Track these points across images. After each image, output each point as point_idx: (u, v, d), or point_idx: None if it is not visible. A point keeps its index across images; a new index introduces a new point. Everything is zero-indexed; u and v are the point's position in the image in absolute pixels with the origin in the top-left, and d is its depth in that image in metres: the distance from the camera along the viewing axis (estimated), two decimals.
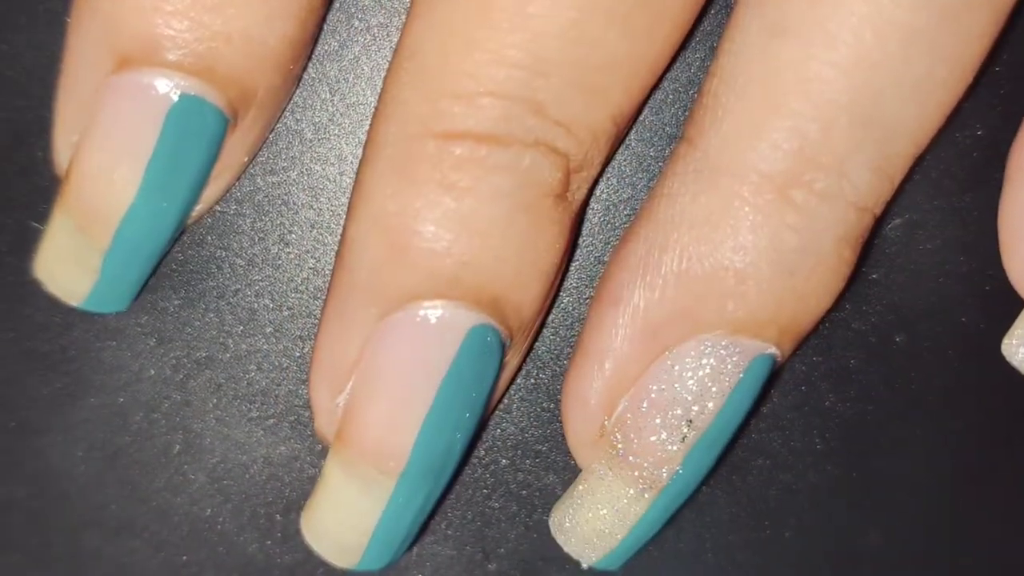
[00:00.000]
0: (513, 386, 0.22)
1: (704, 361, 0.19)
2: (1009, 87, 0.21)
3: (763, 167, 0.18)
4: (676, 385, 0.19)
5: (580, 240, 0.22)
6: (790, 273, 0.19)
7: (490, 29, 0.18)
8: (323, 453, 0.21)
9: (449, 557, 0.23)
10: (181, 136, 0.19)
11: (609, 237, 0.22)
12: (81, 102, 0.19)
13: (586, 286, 0.22)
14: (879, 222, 0.22)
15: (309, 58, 0.21)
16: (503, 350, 0.19)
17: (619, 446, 0.20)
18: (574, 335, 0.22)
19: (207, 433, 0.22)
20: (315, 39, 0.20)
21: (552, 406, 0.22)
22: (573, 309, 0.22)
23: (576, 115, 0.18)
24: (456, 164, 0.18)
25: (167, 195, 0.19)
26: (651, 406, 0.19)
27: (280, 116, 0.21)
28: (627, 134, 0.20)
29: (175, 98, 0.18)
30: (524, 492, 0.23)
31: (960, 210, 0.22)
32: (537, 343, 0.22)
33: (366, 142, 0.19)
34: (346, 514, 0.19)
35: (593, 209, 0.22)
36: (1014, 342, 0.21)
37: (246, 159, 0.21)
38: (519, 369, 0.21)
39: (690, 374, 0.19)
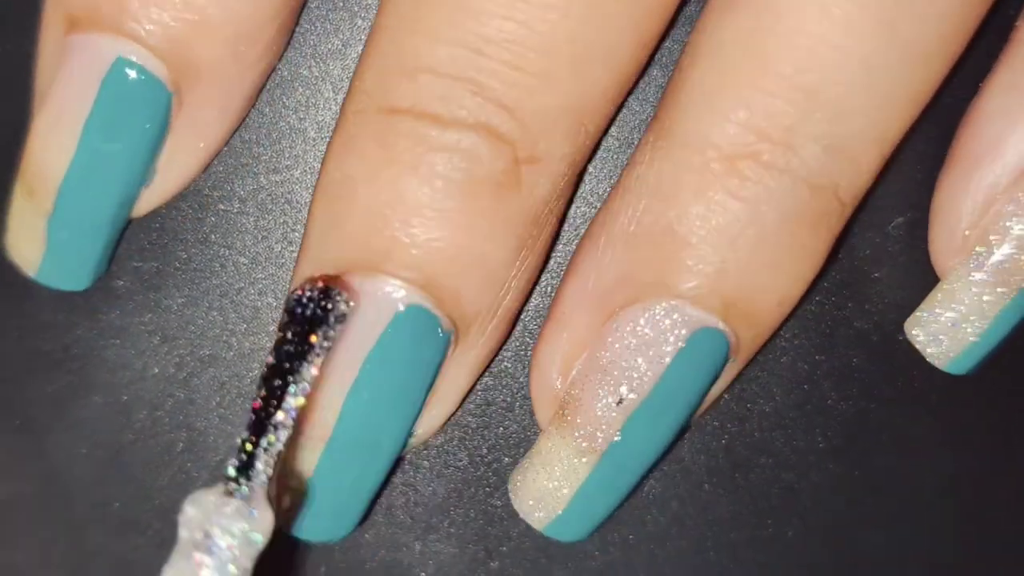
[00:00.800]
0: (515, 385, 0.22)
1: (645, 326, 0.19)
2: None
3: (713, 138, 0.18)
4: (616, 347, 0.19)
5: (577, 236, 0.22)
6: (732, 243, 0.19)
7: (437, 9, 0.18)
8: None
9: (452, 555, 0.23)
10: (119, 101, 0.19)
11: None
12: (46, 69, 0.20)
13: None
14: (881, 220, 0.22)
15: (279, 49, 0.21)
16: (445, 339, 0.19)
17: (565, 410, 0.20)
18: None
19: (210, 431, 0.22)
20: (278, 25, 0.20)
21: None
22: None
23: (520, 99, 0.18)
24: (396, 139, 0.18)
25: (106, 162, 0.19)
26: (594, 370, 0.19)
27: (248, 112, 0.21)
28: (603, 134, 0.20)
29: (113, 61, 0.19)
30: None
31: None
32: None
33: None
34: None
35: (593, 207, 0.22)
36: (915, 325, 0.21)
37: (201, 146, 0.21)
38: (487, 366, 0.21)
39: (630, 340, 0.19)
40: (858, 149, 0.19)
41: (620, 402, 0.19)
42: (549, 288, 0.22)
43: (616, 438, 0.19)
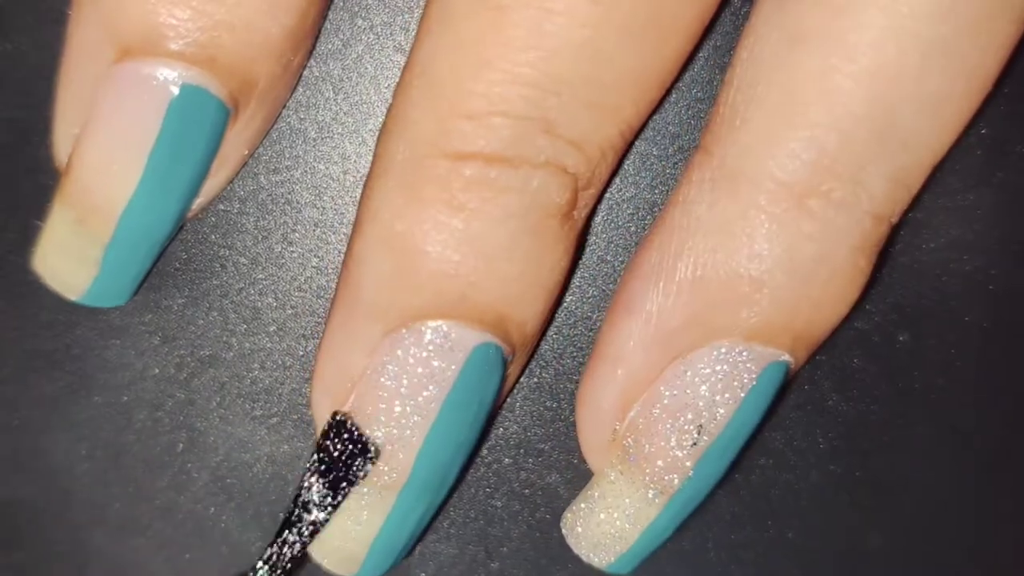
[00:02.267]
0: (516, 385, 0.22)
1: (717, 367, 0.19)
2: (1013, 86, 0.21)
3: (780, 176, 0.18)
4: (688, 391, 0.19)
5: (587, 231, 0.22)
6: (805, 282, 0.18)
7: (503, 47, 0.17)
8: None
9: (452, 556, 0.23)
10: (183, 127, 0.19)
11: (612, 236, 0.22)
12: (81, 94, 0.19)
13: (589, 286, 0.22)
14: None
15: (310, 53, 0.21)
16: (505, 366, 0.19)
17: (631, 451, 0.20)
18: (577, 335, 0.22)
19: (211, 431, 0.22)
20: (316, 32, 0.20)
21: (555, 405, 0.22)
22: (576, 309, 0.22)
23: (586, 132, 0.18)
24: (465, 185, 0.18)
25: (168, 187, 0.19)
26: (663, 411, 0.19)
27: (280, 112, 0.21)
28: (632, 143, 0.20)
29: (177, 89, 0.18)
30: (527, 491, 0.23)
31: (963, 209, 0.22)
32: (540, 343, 0.22)
33: (374, 157, 0.19)
34: (347, 526, 0.19)
35: (595, 209, 0.22)
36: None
37: (246, 152, 0.21)
38: (519, 377, 0.21)
39: (702, 380, 0.19)
40: (915, 177, 0.19)
41: (695, 444, 0.19)
42: None
43: (689, 475, 0.19)
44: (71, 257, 0.20)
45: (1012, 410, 0.23)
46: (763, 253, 0.18)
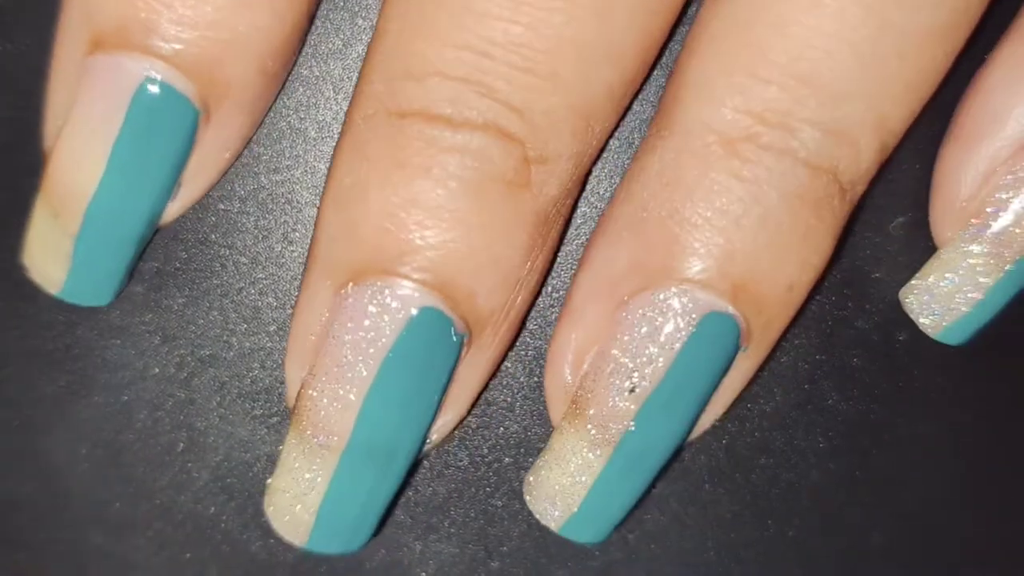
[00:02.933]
0: (516, 384, 0.22)
1: (654, 313, 0.19)
2: None
3: (711, 122, 0.19)
4: (627, 337, 0.19)
5: (582, 239, 0.22)
6: (736, 222, 0.19)
7: (442, 12, 0.18)
8: None
9: (452, 555, 0.23)
10: (148, 120, 0.19)
11: None
12: (65, 86, 0.19)
13: None
14: (882, 220, 0.22)
15: (293, 60, 0.21)
16: (459, 340, 0.19)
17: (578, 402, 0.20)
18: None
19: (211, 431, 0.22)
20: (299, 35, 0.20)
21: None
22: None
23: (528, 100, 0.18)
24: (406, 142, 0.18)
25: (135, 181, 0.19)
26: (603, 360, 0.19)
27: (263, 120, 0.21)
28: (611, 135, 0.20)
29: (141, 80, 0.19)
30: None
31: None
32: (539, 341, 0.22)
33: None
34: (292, 488, 0.20)
35: (596, 207, 0.22)
36: (909, 292, 0.21)
37: (227, 156, 0.21)
38: (496, 370, 0.21)
39: (640, 328, 0.19)
40: (855, 133, 0.19)
41: (632, 391, 0.19)
42: (550, 288, 0.22)
43: (631, 428, 0.19)
44: (48, 250, 0.20)
45: (1012, 409, 0.23)
46: (695, 196, 0.19)
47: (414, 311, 0.19)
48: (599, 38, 0.18)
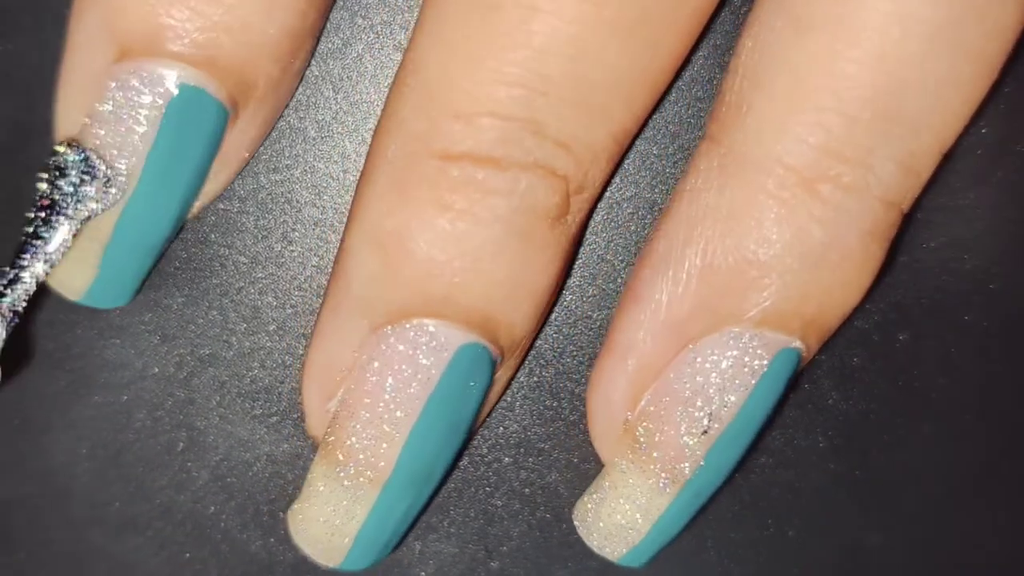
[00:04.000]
0: (516, 384, 0.22)
1: (727, 354, 0.19)
2: (1014, 85, 0.21)
3: (788, 160, 0.18)
4: (698, 378, 0.19)
5: (583, 237, 0.22)
6: (815, 267, 0.18)
7: (492, 47, 0.17)
8: None
9: (452, 555, 0.23)
10: (182, 128, 0.19)
11: (612, 235, 0.22)
12: (82, 90, 0.19)
13: (589, 285, 0.22)
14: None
15: (312, 54, 0.21)
16: (493, 368, 0.19)
17: (641, 440, 0.20)
18: (577, 333, 0.22)
19: (210, 431, 0.22)
20: (317, 33, 0.20)
21: (555, 404, 0.22)
22: (576, 308, 0.22)
23: (576, 134, 0.18)
24: (452, 185, 0.18)
25: (167, 187, 0.19)
26: (673, 400, 0.19)
27: (282, 113, 0.21)
28: (629, 148, 0.20)
29: (176, 90, 0.18)
30: (527, 490, 0.23)
31: (963, 208, 0.22)
32: (540, 341, 0.22)
33: (368, 154, 0.19)
34: (329, 518, 0.20)
35: (596, 207, 0.22)
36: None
37: (246, 154, 0.21)
38: (511, 380, 0.21)
39: (712, 367, 0.19)
40: (924, 163, 0.19)
41: (705, 432, 0.19)
42: None
43: (701, 465, 0.19)
44: (70, 258, 0.20)
45: (1012, 409, 0.23)
46: (772, 238, 0.18)
47: (457, 348, 0.19)
48: (646, 66, 0.18)
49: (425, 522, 0.22)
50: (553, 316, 0.22)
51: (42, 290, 0.21)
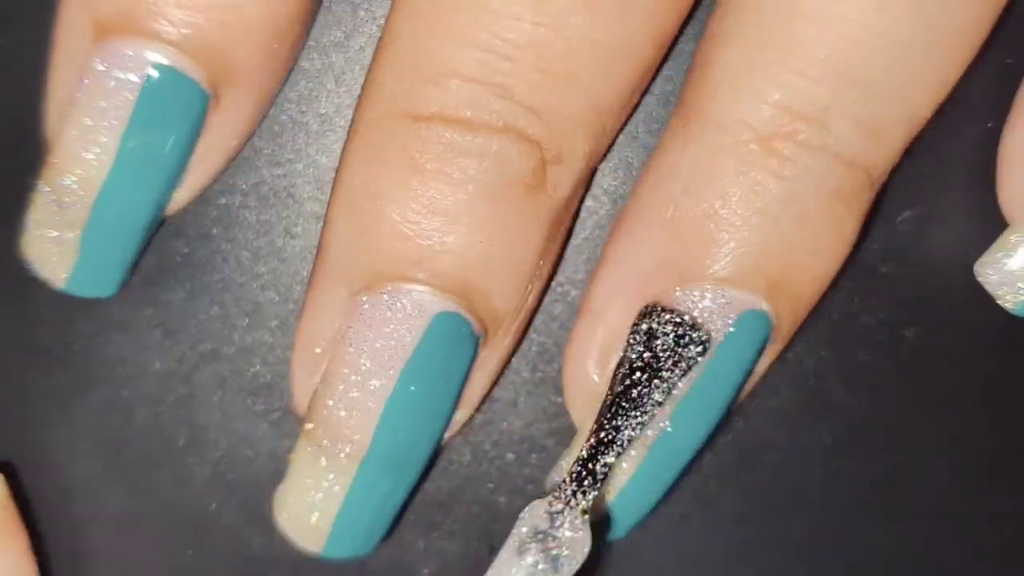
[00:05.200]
0: (519, 380, 0.22)
1: (687, 311, 0.19)
2: (1020, 80, 0.21)
3: (746, 118, 0.18)
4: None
5: (587, 233, 0.22)
6: (775, 222, 0.19)
7: (459, 12, 0.18)
8: None
9: (455, 552, 0.23)
10: (158, 108, 0.19)
11: None
12: (67, 74, 0.19)
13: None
14: (889, 214, 0.22)
15: (300, 44, 0.21)
16: (475, 342, 0.19)
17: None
18: None
19: (212, 427, 0.22)
20: (306, 19, 0.20)
21: (559, 400, 0.22)
22: (579, 303, 0.22)
23: (547, 101, 0.18)
24: (423, 146, 0.18)
25: (144, 170, 0.19)
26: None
27: (271, 106, 0.21)
28: (619, 131, 0.20)
29: (152, 70, 0.18)
30: (530, 487, 0.22)
31: (970, 203, 0.22)
32: (543, 337, 0.22)
33: (350, 124, 0.19)
34: (310, 495, 0.20)
35: (600, 201, 0.22)
36: (987, 265, 0.21)
37: (235, 143, 0.21)
38: (504, 369, 0.21)
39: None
40: (889, 128, 0.19)
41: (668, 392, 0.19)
42: (554, 283, 0.22)
43: (667, 429, 0.19)
44: (53, 243, 0.20)
45: (1020, 407, 0.23)
46: (730, 193, 0.18)
47: (434, 316, 0.19)
48: (618, 37, 0.18)
49: (428, 519, 0.22)
50: (557, 312, 0.22)
51: (40, 285, 0.21)
